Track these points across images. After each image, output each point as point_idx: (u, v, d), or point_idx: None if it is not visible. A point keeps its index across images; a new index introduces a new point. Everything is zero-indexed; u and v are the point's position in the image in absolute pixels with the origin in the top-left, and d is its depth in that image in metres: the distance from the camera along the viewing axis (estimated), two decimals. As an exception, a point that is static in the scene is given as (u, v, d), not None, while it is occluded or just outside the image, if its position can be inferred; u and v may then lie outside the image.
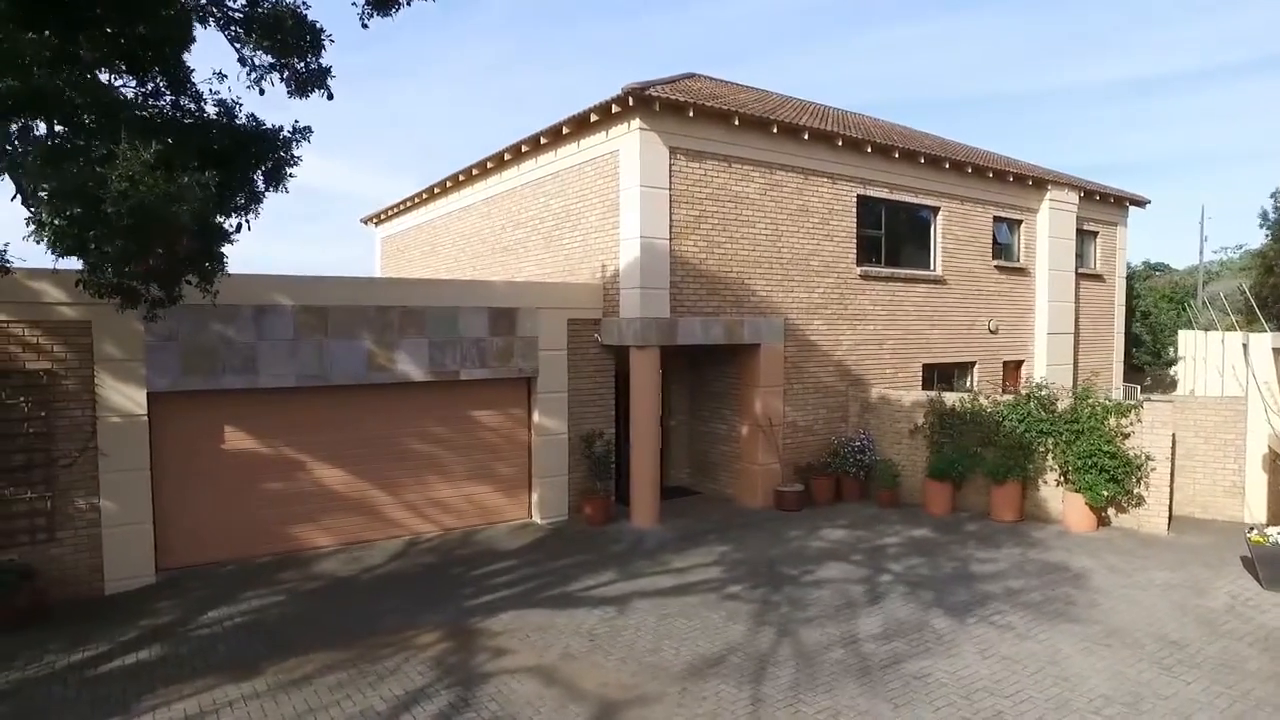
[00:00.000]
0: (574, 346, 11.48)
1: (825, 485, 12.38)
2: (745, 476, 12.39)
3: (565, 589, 8.70)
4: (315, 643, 7.29)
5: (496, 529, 11.05)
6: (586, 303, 11.56)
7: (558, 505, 11.42)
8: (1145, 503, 10.63)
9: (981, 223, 15.30)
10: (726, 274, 11.68)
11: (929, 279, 14.46)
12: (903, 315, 14.07)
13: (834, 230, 12.96)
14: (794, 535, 10.69)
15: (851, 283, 13.25)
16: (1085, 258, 18.04)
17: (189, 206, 4.48)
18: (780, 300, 12.31)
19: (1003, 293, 15.83)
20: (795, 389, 12.55)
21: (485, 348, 10.78)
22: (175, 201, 4.40)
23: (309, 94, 6.07)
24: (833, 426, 13.04)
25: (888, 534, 10.72)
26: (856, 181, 13.19)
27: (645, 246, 10.82)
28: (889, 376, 13.88)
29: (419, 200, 18.22)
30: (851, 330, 13.30)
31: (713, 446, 13.18)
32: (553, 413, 11.32)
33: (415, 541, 10.46)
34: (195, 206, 4.57)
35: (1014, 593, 8.33)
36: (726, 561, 9.56)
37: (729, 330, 11.64)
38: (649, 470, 11.05)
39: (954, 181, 14.60)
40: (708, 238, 11.46)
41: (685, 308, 11.26)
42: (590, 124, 11.39)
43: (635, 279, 10.87)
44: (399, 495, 10.51)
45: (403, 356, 10.21)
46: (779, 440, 12.24)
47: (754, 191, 11.92)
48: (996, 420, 11.55)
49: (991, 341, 15.65)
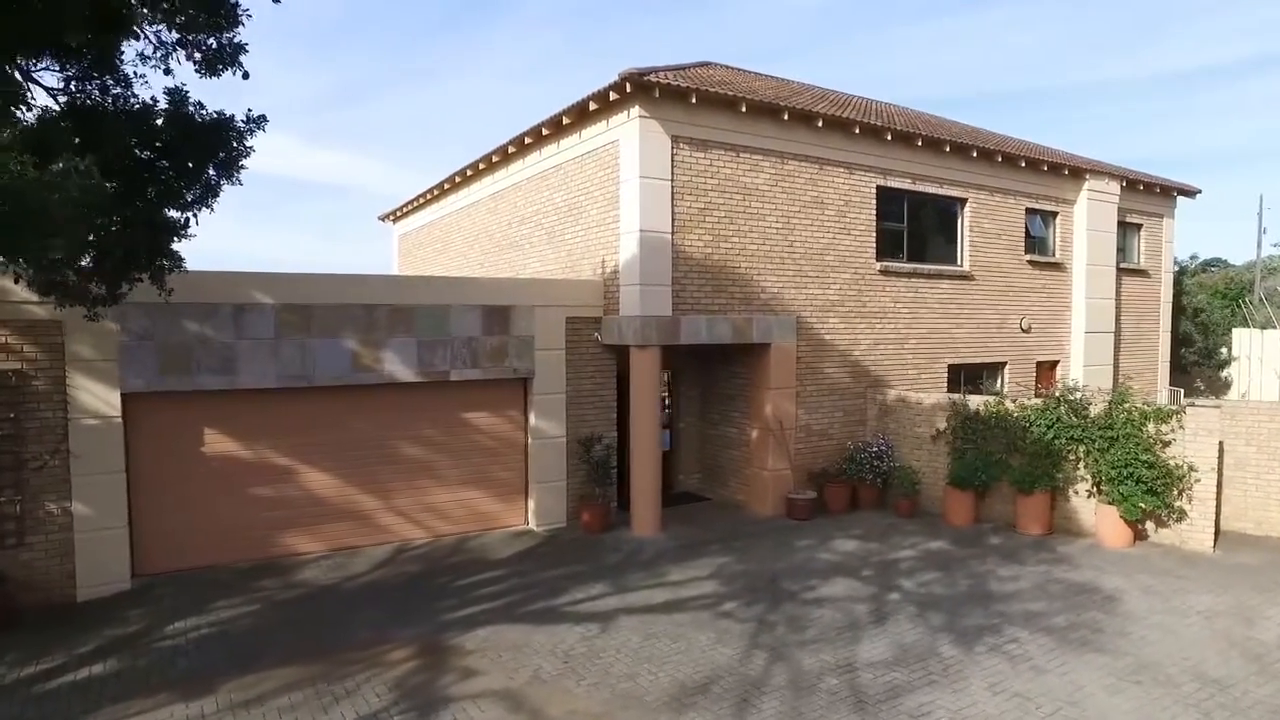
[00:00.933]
0: (573, 346, 10.99)
1: (840, 493, 11.70)
2: (755, 483, 11.77)
3: (550, 603, 8.22)
4: (280, 657, 6.92)
5: (491, 536, 10.62)
6: (586, 300, 11.07)
7: (555, 511, 10.95)
8: (1188, 517, 9.76)
9: (1013, 215, 14.41)
10: (734, 269, 11.08)
11: (955, 274, 13.65)
12: (926, 313, 13.29)
13: (851, 223, 12.25)
14: (802, 546, 10.05)
15: (870, 278, 12.53)
16: (1128, 252, 16.98)
17: (62, 195, 4.09)
18: (792, 297, 11.66)
19: (1036, 289, 14.91)
20: (809, 390, 11.89)
21: (477, 347, 10.35)
22: (49, 190, 4.01)
23: (219, 73, 5.65)
24: (849, 430, 12.35)
25: (903, 546, 10.02)
26: (876, 172, 12.46)
27: (645, 241, 10.28)
28: (911, 378, 13.12)
29: (431, 196, 17.94)
30: (870, 329, 12.58)
31: (722, 451, 12.59)
32: (550, 415, 10.85)
33: (404, 548, 10.09)
34: (75, 196, 4.19)
35: (1034, 617, 7.61)
36: (726, 575, 8.99)
37: (736, 329, 11.04)
38: (649, 476, 10.51)
39: (982, 171, 13.76)
40: (714, 231, 10.87)
41: (689, 305, 10.69)
42: (590, 113, 10.89)
43: (635, 275, 10.34)
44: (389, 500, 10.15)
45: (390, 356, 9.84)
46: (790, 445, 11.60)
47: (764, 182, 11.29)
48: (1023, 425, 10.76)
49: (1023, 341, 14.76)
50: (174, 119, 5.98)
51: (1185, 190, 17.41)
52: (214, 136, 6.18)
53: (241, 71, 5.76)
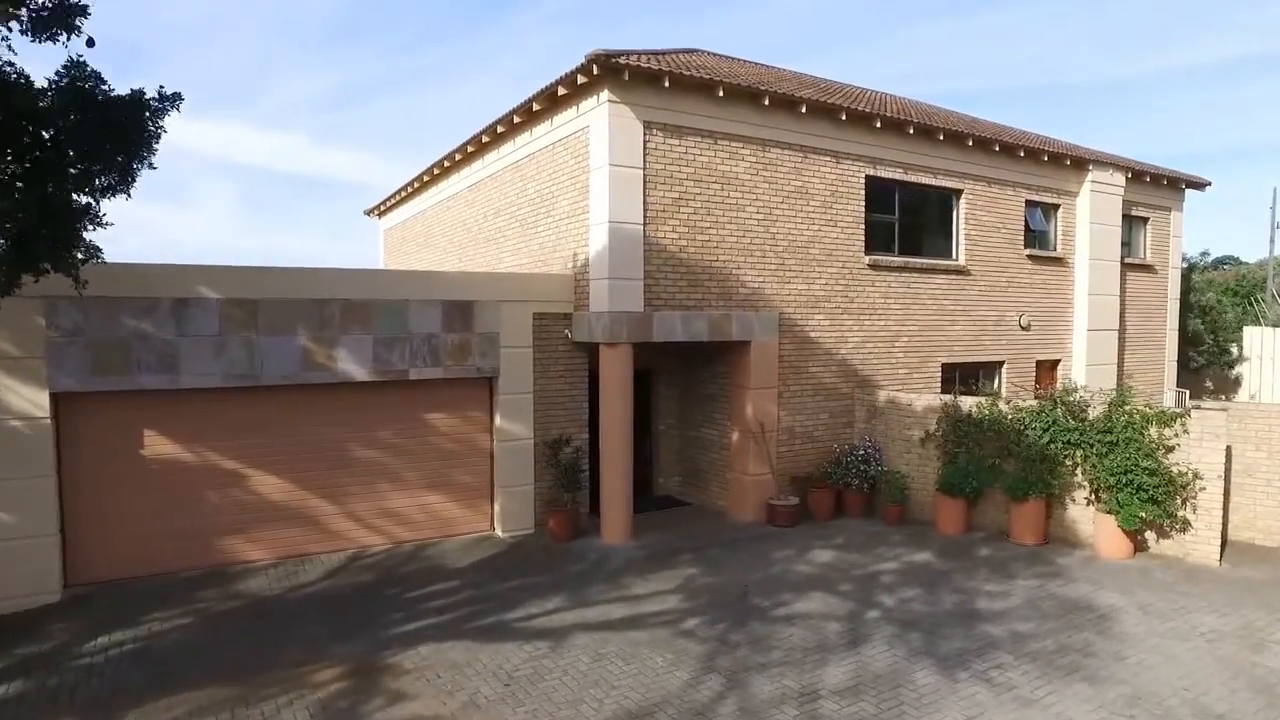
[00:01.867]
0: (541, 344, 10.45)
1: (824, 499, 11.12)
2: (735, 488, 11.20)
3: (502, 617, 7.69)
4: (201, 677, 6.42)
5: (453, 542, 10.10)
6: (555, 295, 10.52)
7: (522, 517, 10.41)
8: (1192, 527, 9.13)
9: (1011, 207, 13.77)
10: (711, 263, 10.50)
11: (950, 269, 13.03)
12: (919, 309, 12.68)
13: (838, 215, 11.65)
14: (780, 557, 9.48)
15: (859, 273, 11.93)
16: (1133, 246, 16.29)
17: None
18: (774, 293, 11.08)
19: (1036, 284, 14.26)
20: (792, 391, 11.31)
21: (438, 345, 9.82)
22: None
23: (55, 37, 5.11)
24: (836, 433, 11.76)
25: (886, 558, 9.44)
26: (865, 161, 11.85)
27: (615, 233, 9.72)
28: (902, 378, 12.52)
29: (413, 189, 17.43)
30: (858, 326, 11.98)
31: (703, 454, 12.02)
32: (516, 416, 10.31)
33: (360, 555, 9.58)
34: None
35: (1022, 639, 7.01)
36: (694, 588, 8.43)
37: (714, 326, 10.47)
38: (620, 481, 9.96)
39: (979, 161, 13.13)
40: (689, 223, 10.30)
41: (662, 300, 10.12)
42: (560, 99, 10.33)
43: (604, 269, 9.79)
44: (344, 505, 9.64)
45: (344, 354, 9.32)
46: (772, 448, 11.02)
47: (744, 171, 10.71)
48: (1018, 429, 10.14)
49: (1023, 338, 14.12)
50: (67, 94, 5.46)
51: (1194, 182, 16.69)
52: (120, 114, 5.66)
53: (86, 38, 5.21)
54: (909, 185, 12.48)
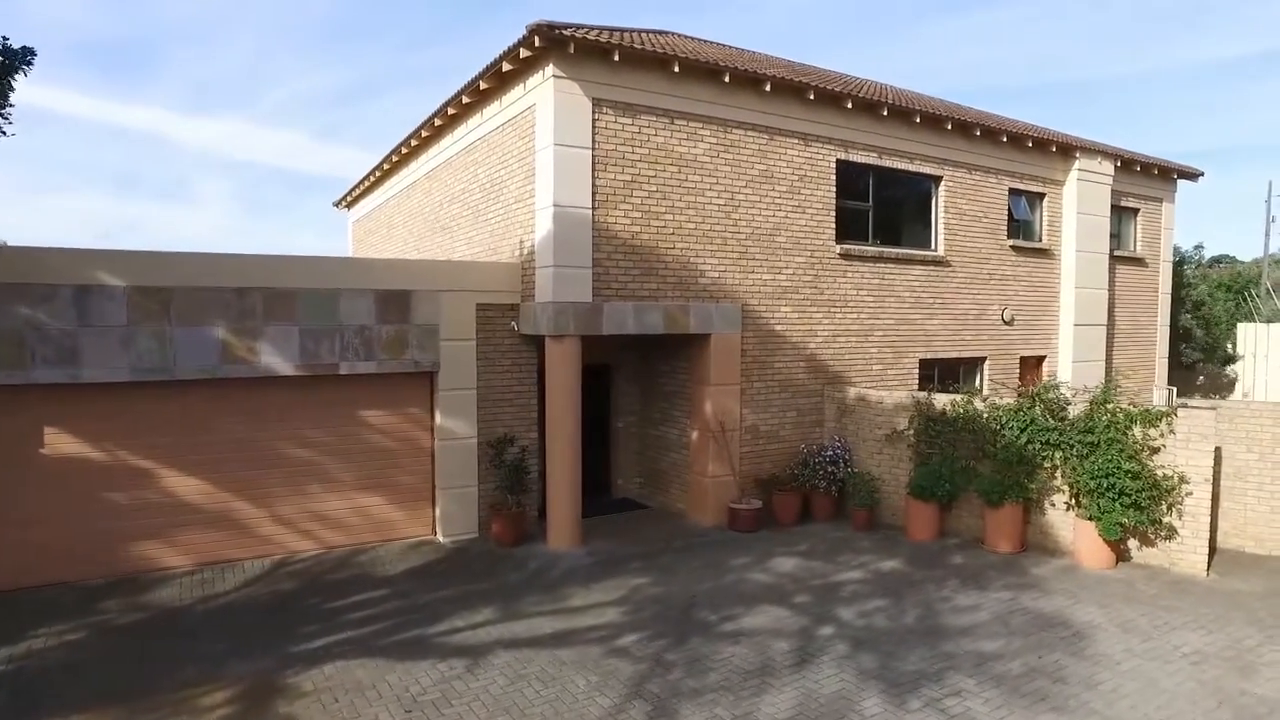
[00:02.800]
0: (486, 337, 9.79)
1: (789, 502, 10.47)
2: (695, 490, 10.56)
3: (424, 631, 7.04)
4: (74, 702, 5.77)
5: (389, 548, 9.45)
6: (500, 285, 9.87)
7: (465, 521, 9.76)
8: (1178, 534, 8.49)
9: (994, 195, 13.13)
10: (667, 251, 9.85)
11: (928, 260, 12.38)
12: (895, 302, 12.04)
13: (807, 201, 11.00)
14: (737, 564, 8.84)
15: (829, 263, 11.28)
16: (1123, 238, 15.66)
17: None
18: (737, 282, 10.43)
19: (1020, 277, 13.62)
20: (756, 388, 10.67)
21: (371, 337, 9.17)
22: None
23: None
24: (804, 432, 11.12)
25: (851, 566, 8.79)
26: (836, 144, 11.20)
27: (560, 217, 9.07)
28: (877, 374, 11.88)
29: (377, 178, 16.76)
30: (829, 319, 11.33)
31: (663, 454, 11.38)
32: (458, 414, 9.66)
33: (287, 562, 8.93)
34: None
35: (987, 660, 6.37)
36: (638, 599, 7.78)
37: (669, 318, 9.82)
38: (567, 482, 9.31)
39: (959, 146, 12.48)
40: (643, 208, 9.64)
41: (613, 290, 9.47)
42: (507, 76, 9.67)
43: (549, 256, 9.14)
44: (271, 508, 8.98)
45: (267, 347, 8.66)
46: (734, 448, 10.37)
47: (703, 153, 10.05)
48: (994, 428, 9.50)
49: (1006, 333, 13.48)
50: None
51: (1186, 172, 16.06)
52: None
53: None
54: (884, 171, 11.83)
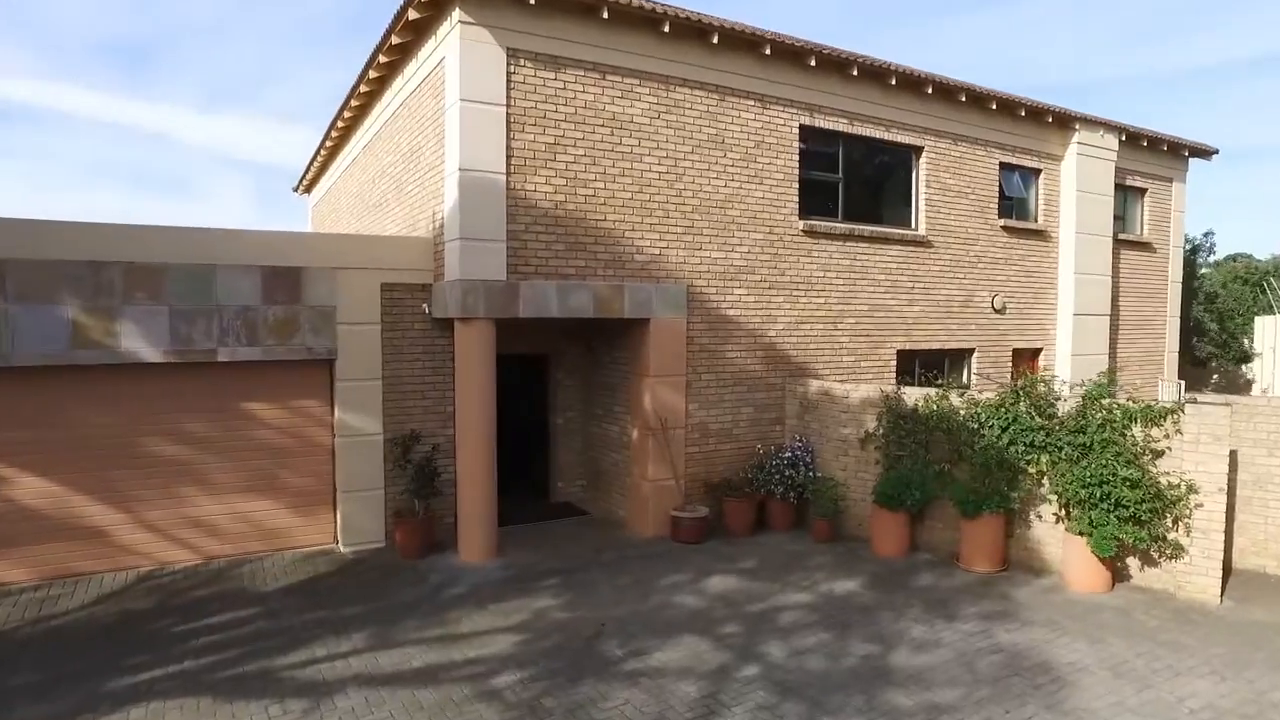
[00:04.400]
0: (392, 321, 8.65)
1: (742, 510, 9.25)
2: (634, 495, 9.37)
3: (274, 662, 5.90)
4: None
5: (278, 559, 8.31)
6: (409, 263, 8.72)
7: (369, 529, 8.62)
8: (1185, 553, 7.22)
9: (982, 169, 11.85)
10: (598, 223, 8.66)
11: (908, 239, 11.13)
12: (869, 285, 10.79)
13: (764, 170, 9.78)
14: (667, 583, 7.64)
15: (791, 240, 10.05)
16: (1129, 221, 14.32)
17: None
18: (681, 261, 9.22)
19: (1013, 260, 12.34)
20: (704, 380, 9.46)
21: (256, 319, 8.04)
22: None
23: None
24: (762, 431, 9.90)
25: (799, 587, 7.58)
26: (799, 107, 9.97)
27: (467, 183, 7.90)
28: (848, 366, 10.64)
29: (324, 158, 15.65)
30: (791, 303, 10.10)
31: (605, 454, 10.19)
32: (361, 407, 8.52)
33: (154, 575, 7.81)
34: None
35: (938, 716, 5.14)
36: (539, 626, 6.60)
37: (600, 299, 8.63)
38: (479, 487, 8.15)
39: (942, 114, 11.22)
40: (568, 174, 8.46)
41: (532, 268, 8.29)
42: (417, 26, 8.51)
43: (456, 228, 7.98)
44: (135, 513, 7.87)
45: (129, 329, 7.55)
46: (679, 448, 9.18)
47: (641, 113, 8.86)
48: (971, 427, 8.26)
49: (996, 323, 12.21)
50: None
51: (1199, 149, 14.68)
52: None
53: None
54: (856, 139, 10.58)
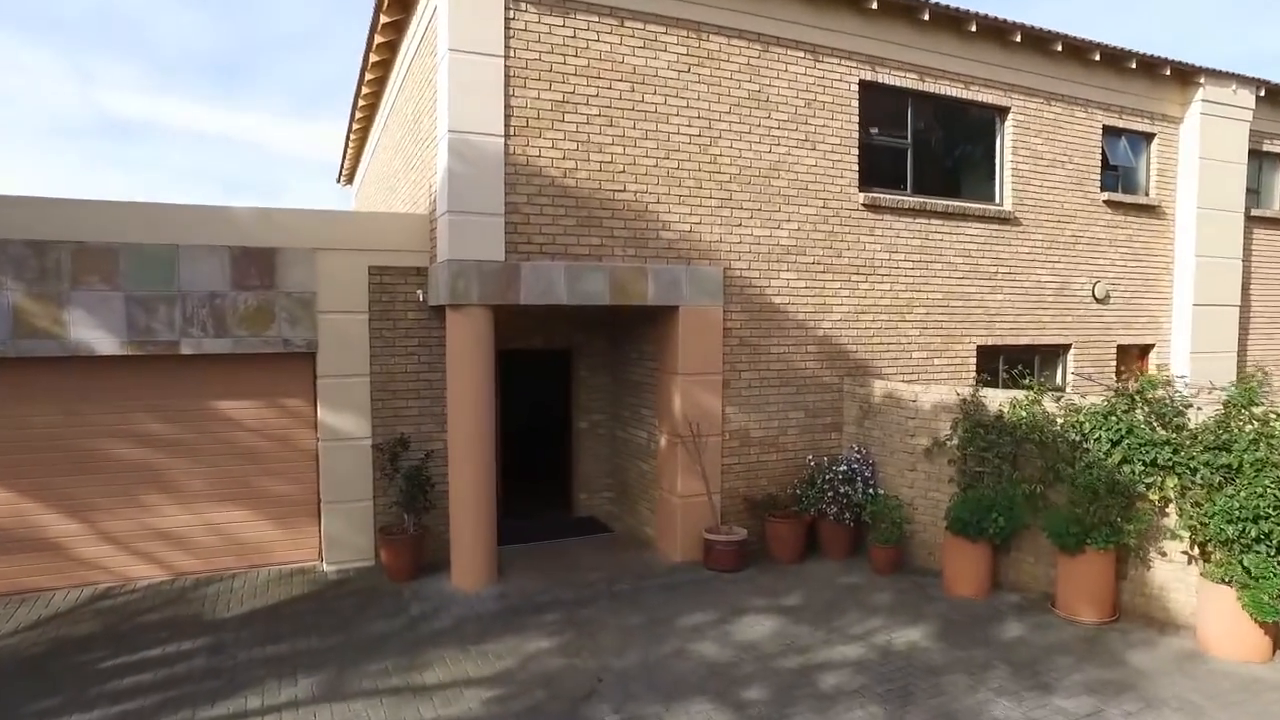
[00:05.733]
0: (382, 309, 7.61)
1: (788, 532, 7.84)
2: (662, 512, 8.10)
3: (195, 715, 4.90)
4: None
5: (253, 577, 7.38)
6: (400, 243, 7.66)
7: (357, 545, 7.62)
8: (1367, 611, 5.47)
9: (1082, 134, 10.04)
10: (616, 195, 7.41)
11: (990, 216, 9.46)
12: (943, 270, 9.19)
13: (817, 134, 8.33)
14: (689, 625, 6.33)
15: (849, 216, 8.57)
16: (1265, 193, 12.13)
17: None
18: (716, 239, 7.88)
19: (1118, 241, 10.47)
20: (745, 379, 8.09)
21: (224, 307, 7.12)
22: None
23: None
24: (815, 439, 8.46)
25: (851, 635, 6.14)
26: (859, 60, 8.48)
27: (458, 147, 6.78)
28: (918, 364, 9.08)
29: (356, 143, 14.94)
30: (850, 290, 8.62)
31: (631, 463, 8.95)
32: (346, 407, 7.52)
33: (112, 592, 6.98)
34: None
35: (1029, 846, 3.69)
36: (521, 678, 5.40)
37: (618, 283, 7.37)
38: (474, 501, 7.02)
39: (1034, 68, 9.49)
40: (580, 137, 7.23)
41: (536, 246, 7.11)
42: (412, -30, 7.46)
43: (444, 200, 6.87)
44: (95, 524, 7.07)
45: (80, 317, 6.73)
46: (713, 458, 7.84)
47: (668, 66, 7.56)
48: (1073, 440, 6.64)
49: (1098, 314, 10.37)
50: None
51: (1354, 109, 12.32)
52: None
53: None
54: (928, 98, 9.00)
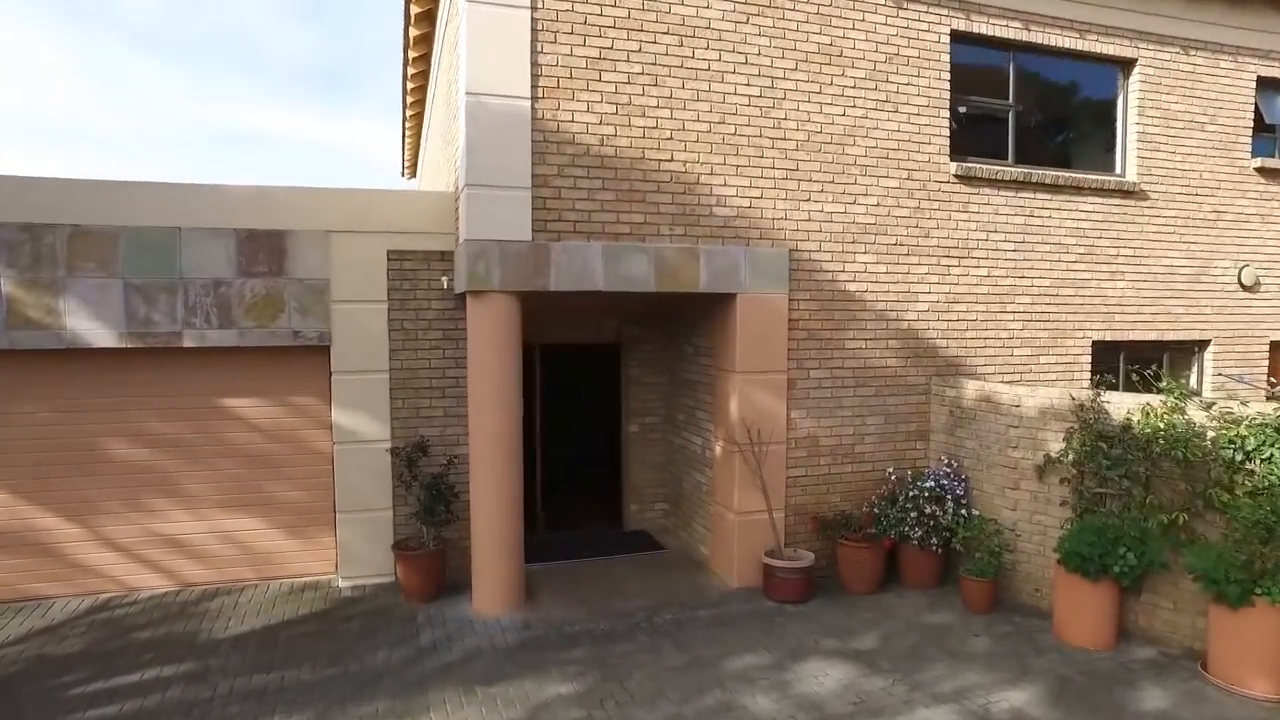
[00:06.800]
0: (403, 298, 6.86)
1: (863, 559, 6.69)
2: (718, 530, 7.08)
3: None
4: None
5: (261, 590, 6.76)
6: (423, 224, 6.89)
7: (374, 559, 6.90)
8: None
9: (1228, 88, 8.43)
10: (662, 165, 6.43)
11: (1110, 189, 8.01)
12: (1051, 252, 7.82)
13: (899, 94, 7.13)
14: (738, 670, 5.31)
15: (938, 189, 7.33)
16: None
17: None
18: (780, 216, 6.79)
19: (1268, 216, 8.79)
20: (815, 378, 6.98)
21: (229, 296, 6.50)
22: None
23: None
24: (896, 450, 7.26)
25: (938, 695, 4.98)
26: (951, 7, 7.22)
27: (477, 111, 5.95)
28: (1020, 362, 7.75)
29: (411, 132, 14.48)
30: (939, 275, 7.38)
31: (686, 473, 7.96)
32: (363, 406, 6.81)
33: (114, 603, 6.47)
34: None
35: None
36: (531, 735, 4.51)
37: (664, 267, 6.39)
38: (496, 517, 6.18)
39: (1169, 10, 7.99)
40: (619, 99, 6.29)
41: (568, 224, 6.20)
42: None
43: (464, 172, 6.04)
44: (98, 529, 6.58)
45: (76, 307, 6.22)
46: (776, 470, 6.77)
47: (722, 17, 6.52)
48: (1229, 457, 5.27)
49: (1245, 304, 8.74)
50: None
51: None
52: None
53: None
54: (1034, 50, 7.64)
